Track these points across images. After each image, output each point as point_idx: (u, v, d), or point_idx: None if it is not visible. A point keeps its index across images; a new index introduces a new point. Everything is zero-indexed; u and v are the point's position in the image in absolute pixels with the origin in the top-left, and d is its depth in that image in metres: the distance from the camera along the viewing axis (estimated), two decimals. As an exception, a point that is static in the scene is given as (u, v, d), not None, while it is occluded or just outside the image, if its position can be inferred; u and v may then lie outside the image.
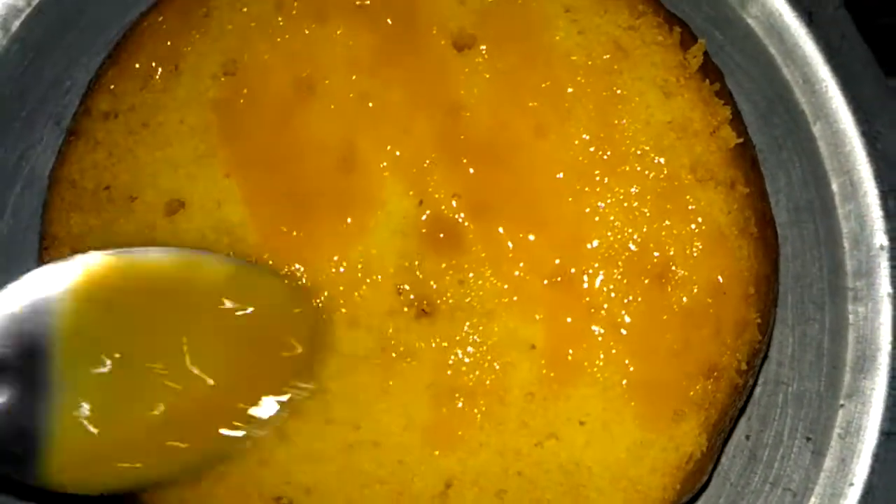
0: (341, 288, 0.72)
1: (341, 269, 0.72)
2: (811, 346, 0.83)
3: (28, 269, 0.79)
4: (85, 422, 0.60)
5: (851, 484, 0.81)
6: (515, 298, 0.71)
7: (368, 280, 0.72)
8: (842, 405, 0.82)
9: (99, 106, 0.74)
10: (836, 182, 0.86)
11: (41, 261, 0.74)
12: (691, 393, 0.70)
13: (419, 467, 0.70)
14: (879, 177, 0.85)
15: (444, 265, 0.72)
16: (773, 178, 0.84)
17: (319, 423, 0.71)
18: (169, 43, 0.74)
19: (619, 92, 0.73)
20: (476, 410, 0.71)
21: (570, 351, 0.71)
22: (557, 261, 0.71)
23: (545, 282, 0.71)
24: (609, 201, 0.72)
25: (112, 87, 0.74)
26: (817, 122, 0.87)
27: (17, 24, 0.85)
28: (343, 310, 0.72)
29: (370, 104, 0.74)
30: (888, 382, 0.82)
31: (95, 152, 0.74)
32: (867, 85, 0.87)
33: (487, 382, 0.71)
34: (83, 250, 0.72)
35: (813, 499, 0.81)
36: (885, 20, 0.99)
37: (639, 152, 0.72)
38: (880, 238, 0.84)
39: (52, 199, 0.74)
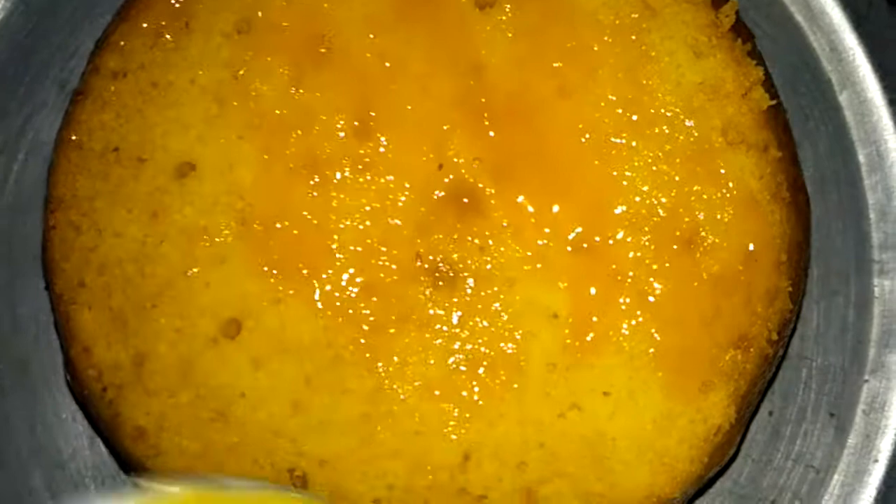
0: (359, 251, 0.70)
1: (357, 235, 0.70)
2: (836, 321, 0.82)
3: (31, 228, 0.78)
4: None
5: (876, 460, 0.79)
6: (538, 266, 0.70)
7: (385, 247, 0.70)
8: (866, 381, 0.81)
9: (107, 64, 0.73)
10: (862, 152, 0.84)
11: (47, 225, 0.72)
12: (720, 363, 0.69)
13: (437, 438, 0.69)
14: (907, 147, 0.84)
15: (464, 232, 0.70)
16: (798, 148, 0.82)
17: (334, 394, 0.69)
18: (179, 0, 0.72)
19: (647, 51, 0.71)
20: (496, 380, 0.69)
21: (595, 320, 0.69)
22: (582, 227, 0.70)
23: (569, 248, 0.70)
24: (636, 165, 0.70)
25: (121, 44, 0.72)
26: (844, 91, 0.85)
27: (20, -13, 0.84)
28: (360, 277, 0.70)
29: (387, 64, 0.72)
30: (914, 357, 0.81)
31: (103, 112, 0.72)
32: (895, 53, 0.86)
33: (508, 352, 0.69)
34: (90, 214, 0.70)
35: (836, 476, 0.80)
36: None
37: (668, 114, 0.71)
38: (907, 209, 0.83)
39: (58, 161, 0.73)
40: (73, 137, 0.72)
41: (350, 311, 0.69)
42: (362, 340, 0.69)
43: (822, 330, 0.81)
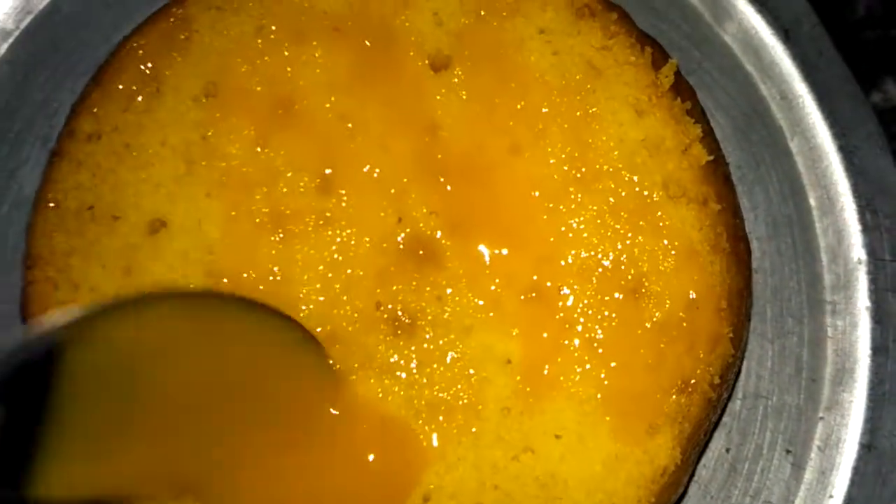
0: (322, 300, 0.72)
1: (320, 286, 0.73)
2: (790, 360, 0.83)
3: (14, 288, 0.81)
4: (77, 448, 0.61)
5: (831, 496, 0.81)
6: (492, 314, 0.72)
7: (347, 296, 0.73)
8: (821, 418, 0.82)
9: (82, 127, 0.76)
10: (813, 196, 0.87)
11: (25, 281, 0.75)
12: (665, 407, 0.71)
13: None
14: (857, 191, 0.86)
15: (422, 282, 0.73)
16: (751, 193, 0.85)
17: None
18: (150, 65, 0.76)
19: (592, 111, 0.74)
20: (454, 425, 0.71)
21: (546, 366, 0.72)
22: (534, 277, 0.72)
23: (521, 297, 0.72)
24: (583, 218, 0.73)
25: (95, 109, 0.75)
26: (794, 138, 0.88)
27: (5, 46, 0.87)
28: (322, 326, 0.72)
29: (349, 125, 0.75)
30: (867, 395, 0.83)
31: (79, 173, 0.75)
32: (844, 100, 0.88)
33: (465, 397, 0.72)
34: (66, 270, 0.73)
35: (793, 511, 0.81)
36: (864, 34, 1.00)
37: (612, 170, 0.73)
38: (858, 252, 0.85)
39: (35, 220, 0.75)
40: (50, 196, 0.74)
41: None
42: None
43: (777, 369, 0.83)
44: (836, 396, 0.83)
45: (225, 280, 0.73)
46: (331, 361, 0.71)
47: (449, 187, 0.74)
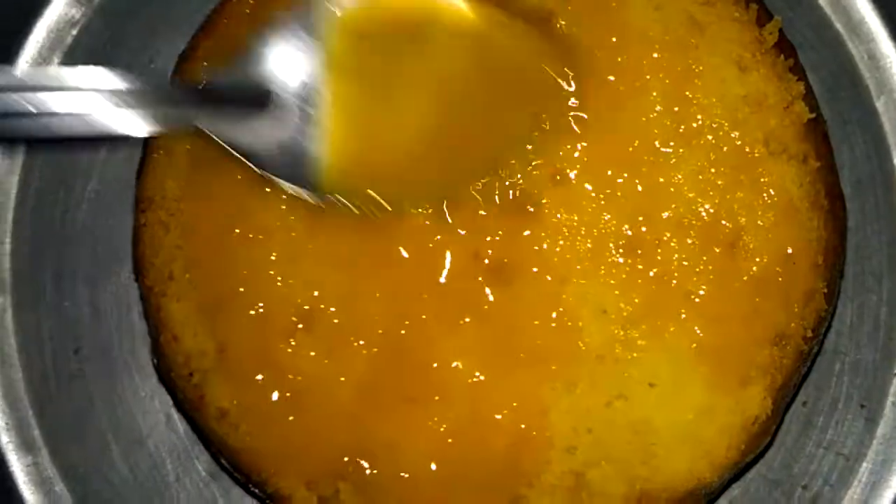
0: (420, 251, 0.74)
1: (419, 236, 0.74)
2: (869, 317, 0.85)
3: (113, 221, 0.84)
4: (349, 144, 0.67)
5: (903, 449, 0.82)
6: (589, 265, 0.73)
7: (446, 244, 0.74)
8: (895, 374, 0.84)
9: (193, 79, 0.77)
10: (897, 156, 0.87)
11: (137, 223, 0.78)
12: (759, 359, 0.72)
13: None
14: (940, 151, 0.87)
15: (520, 232, 0.74)
16: (836, 152, 0.85)
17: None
18: (256, 14, 0.76)
19: (694, 66, 0.74)
20: (548, 372, 0.73)
21: (642, 316, 0.73)
22: (632, 229, 0.74)
23: (619, 249, 0.74)
24: (683, 172, 0.74)
25: (204, 62, 0.77)
26: (881, 97, 0.88)
27: (98, -4, 0.88)
28: (420, 276, 0.74)
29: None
30: (943, 353, 0.84)
31: None
32: (931, 60, 0.88)
33: (560, 345, 0.73)
34: (177, 214, 0.75)
35: (865, 463, 0.83)
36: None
37: (713, 125, 0.74)
38: (939, 211, 0.86)
39: (147, 165, 0.77)
40: (160, 143, 0.76)
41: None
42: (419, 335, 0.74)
43: (856, 326, 0.84)
44: (913, 354, 0.84)
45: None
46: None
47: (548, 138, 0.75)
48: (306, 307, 0.74)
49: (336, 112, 0.69)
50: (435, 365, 0.73)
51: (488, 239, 0.74)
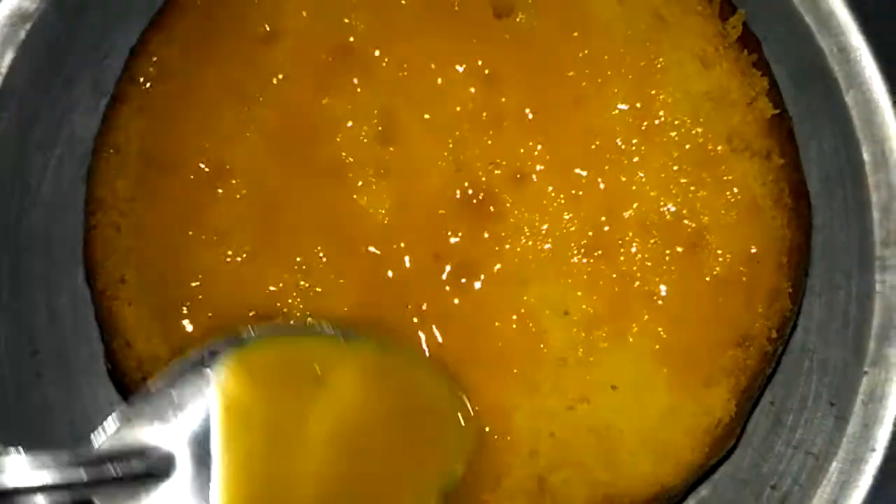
0: (379, 252, 0.73)
1: (379, 236, 0.73)
2: (838, 314, 0.84)
3: (68, 223, 0.82)
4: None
5: (873, 449, 0.82)
6: (551, 266, 0.73)
7: (406, 246, 0.73)
8: (866, 372, 0.83)
9: (142, 72, 0.76)
10: (867, 151, 0.86)
11: (88, 224, 0.76)
12: (723, 360, 0.72)
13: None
14: (911, 147, 0.86)
15: (480, 232, 0.73)
16: (804, 147, 0.84)
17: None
18: (208, 10, 0.75)
19: (657, 62, 0.73)
20: (510, 375, 0.72)
21: (604, 318, 0.72)
22: (592, 230, 0.73)
23: (581, 249, 0.73)
24: (645, 170, 0.73)
25: (154, 57, 0.75)
26: (850, 91, 0.87)
27: (54, -12, 0.86)
28: (380, 276, 0.73)
29: (406, 72, 0.74)
30: (913, 350, 0.84)
31: (139, 118, 0.75)
32: (901, 54, 0.87)
33: (521, 348, 0.72)
34: (129, 215, 0.74)
35: (835, 463, 0.82)
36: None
37: (676, 122, 0.73)
38: (910, 207, 0.85)
39: (97, 165, 0.76)
40: (111, 141, 0.75)
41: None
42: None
43: (825, 323, 0.84)
44: (882, 351, 0.83)
45: (283, 225, 0.73)
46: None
47: (509, 138, 0.74)
48: (263, 310, 0.73)
49: (235, 477, 0.63)
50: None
51: (451, 239, 0.73)
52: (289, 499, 0.65)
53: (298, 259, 0.73)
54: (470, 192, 0.74)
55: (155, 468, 0.63)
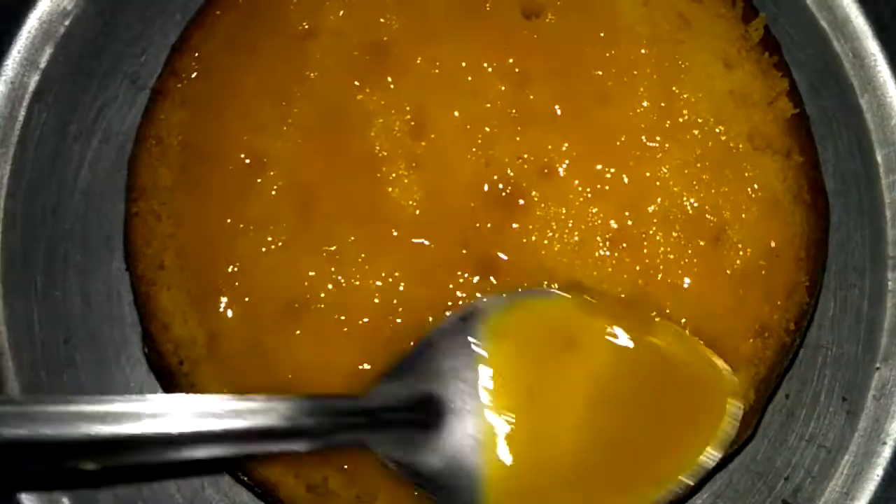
0: (410, 245, 0.75)
1: (409, 228, 0.75)
2: (851, 311, 0.86)
3: (104, 212, 0.84)
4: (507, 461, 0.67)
5: (884, 443, 0.84)
6: (576, 258, 0.74)
7: (435, 236, 0.75)
8: (878, 368, 0.85)
9: (184, 67, 0.78)
10: (880, 153, 0.88)
11: (129, 212, 0.78)
12: (742, 350, 0.74)
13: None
14: (923, 149, 0.88)
15: (508, 225, 0.75)
16: (821, 148, 0.86)
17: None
18: (250, 8, 0.77)
19: (681, 62, 0.75)
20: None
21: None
22: (618, 223, 0.75)
23: (606, 242, 0.75)
24: (669, 167, 0.75)
25: (196, 52, 0.77)
26: (865, 95, 0.89)
27: (93, -16, 0.88)
28: (410, 268, 0.74)
29: (438, 70, 0.76)
30: (924, 347, 0.85)
31: (181, 111, 0.77)
32: (915, 59, 0.90)
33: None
34: (169, 203, 0.76)
35: (847, 456, 0.84)
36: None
37: (699, 120, 0.75)
38: (921, 209, 0.87)
39: (139, 154, 0.78)
40: (153, 133, 0.77)
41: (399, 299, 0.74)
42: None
43: (838, 320, 0.85)
44: (894, 348, 0.85)
45: (319, 216, 0.75)
46: None
47: (536, 133, 0.75)
48: (297, 297, 0.74)
49: (501, 429, 0.67)
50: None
51: (479, 231, 0.75)
52: (552, 455, 0.67)
53: (332, 248, 0.75)
54: (499, 185, 0.75)
55: (421, 420, 0.66)
